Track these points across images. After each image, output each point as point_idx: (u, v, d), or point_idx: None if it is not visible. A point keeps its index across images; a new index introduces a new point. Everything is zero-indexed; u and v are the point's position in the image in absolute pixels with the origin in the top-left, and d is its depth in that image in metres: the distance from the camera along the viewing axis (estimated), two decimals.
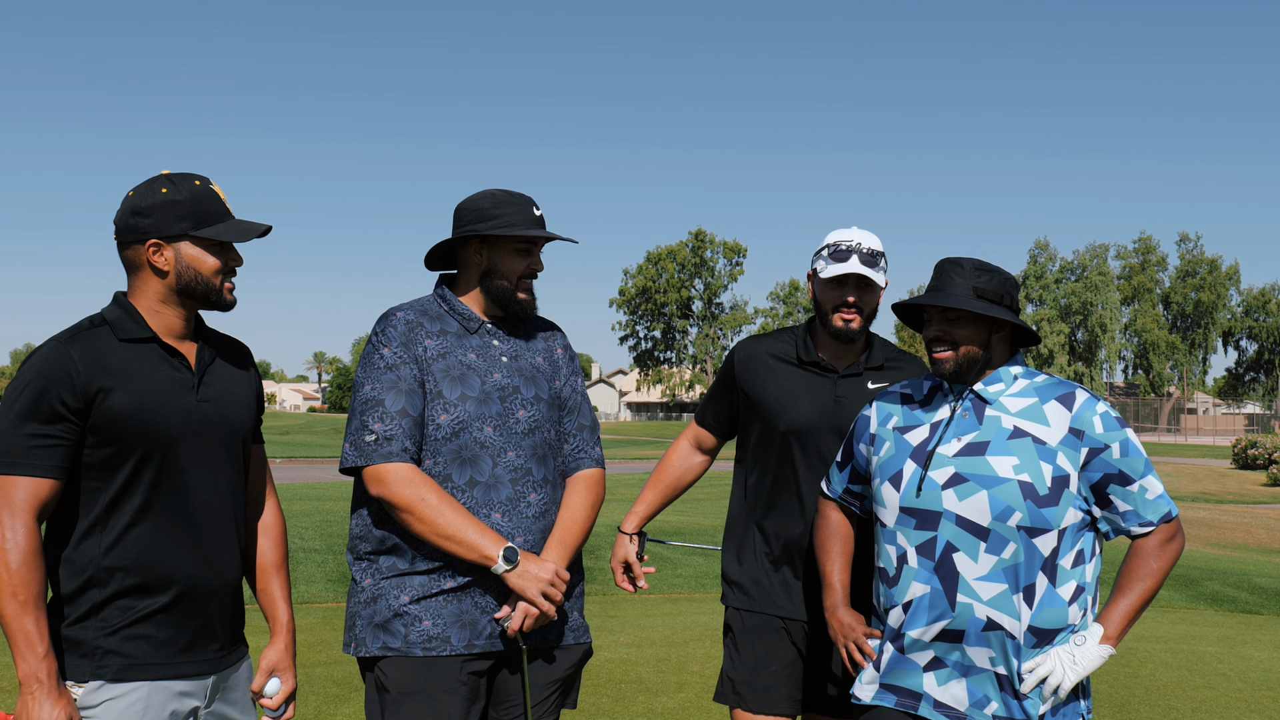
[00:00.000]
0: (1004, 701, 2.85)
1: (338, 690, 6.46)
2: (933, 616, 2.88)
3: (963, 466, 2.89)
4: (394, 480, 2.88)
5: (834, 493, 3.27)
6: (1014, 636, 2.83)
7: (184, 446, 2.59)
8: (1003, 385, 2.98)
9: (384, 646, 2.93)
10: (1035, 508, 2.82)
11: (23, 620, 2.37)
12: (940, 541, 2.88)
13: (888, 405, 3.15)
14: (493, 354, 3.07)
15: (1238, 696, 6.98)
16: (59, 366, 2.47)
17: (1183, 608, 10.82)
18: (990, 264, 3.01)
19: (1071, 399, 2.93)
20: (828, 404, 3.44)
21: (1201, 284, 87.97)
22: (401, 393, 2.94)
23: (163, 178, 2.64)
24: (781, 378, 3.49)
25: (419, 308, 3.10)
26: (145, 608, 2.53)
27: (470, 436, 2.95)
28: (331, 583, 10.34)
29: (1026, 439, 2.88)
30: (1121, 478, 2.86)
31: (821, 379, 3.47)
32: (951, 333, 2.94)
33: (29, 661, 2.37)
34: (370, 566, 2.99)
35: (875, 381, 3.48)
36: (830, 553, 3.24)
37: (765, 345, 3.57)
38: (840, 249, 3.39)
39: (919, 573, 2.91)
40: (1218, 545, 19.50)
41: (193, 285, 2.62)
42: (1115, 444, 2.87)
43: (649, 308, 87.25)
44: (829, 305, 3.42)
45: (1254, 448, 39.32)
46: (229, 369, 2.76)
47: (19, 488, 2.41)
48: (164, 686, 2.55)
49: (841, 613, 3.15)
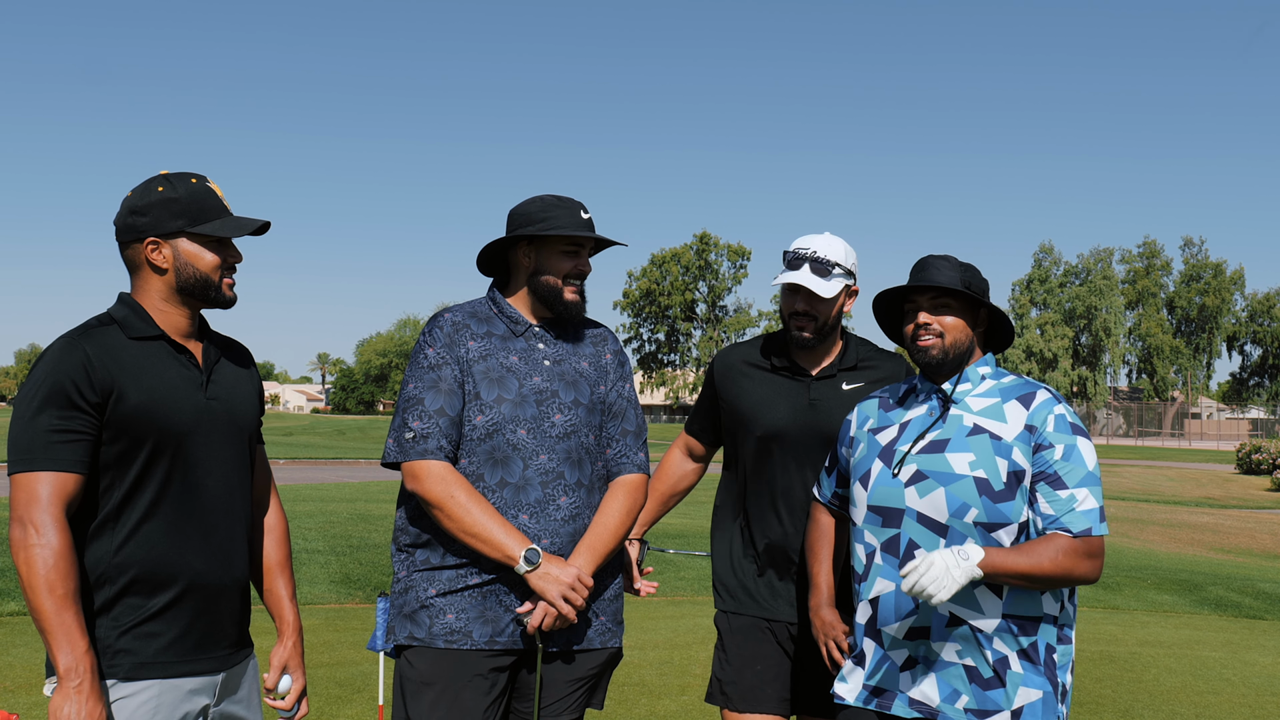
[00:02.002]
0: (975, 694, 2.86)
1: (340, 691, 6.47)
2: (900, 613, 2.91)
3: (923, 464, 2.93)
4: (426, 476, 2.97)
5: (824, 497, 3.30)
6: (980, 629, 2.84)
7: (195, 443, 2.61)
8: (970, 385, 3.01)
9: (410, 636, 3.03)
10: (991, 503, 2.83)
11: (63, 615, 2.36)
12: (904, 539, 2.91)
13: (866, 409, 3.19)
14: (535, 357, 3.13)
15: (1241, 702, 6.97)
16: (75, 362, 2.47)
17: (1187, 613, 10.81)
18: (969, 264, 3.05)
19: (1031, 398, 2.95)
20: (802, 407, 3.48)
21: (1206, 288, 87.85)
22: (441, 392, 3.02)
23: (160, 177, 2.67)
24: (757, 384, 3.54)
25: (469, 310, 3.18)
26: (156, 605, 2.54)
27: (503, 438, 3.02)
28: (334, 584, 10.34)
29: (984, 435, 2.91)
30: (1055, 480, 2.84)
31: (796, 383, 3.51)
32: (938, 320, 2.97)
33: (70, 656, 2.35)
34: (407, 559, 3.09)
35: (850, 382, 3.51)
36: (819, 555, 3.28)
37: (741, 353, 3.63)
38: (794, 256, 3.45)
39: (885, 569, 2.94)
40: (1222, 550, 19.48)
41: (191, 282, 2.64)
42: (1060, 446, 2.86)
43: (653, 310, 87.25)
44: (785, 313, 3.49)
45: (1258, 453, 39.31)
46: (233, 368, 2.78)
47: (45, 483, 2.41)
48: (175, 685, 2.56)
49: (824, 612, 3.21)
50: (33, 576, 2.36)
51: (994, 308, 3.02)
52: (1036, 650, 2.87)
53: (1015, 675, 2.85)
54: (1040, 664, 2.88)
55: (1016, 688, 2.85)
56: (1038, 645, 2.88)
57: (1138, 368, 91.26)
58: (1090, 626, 9.57)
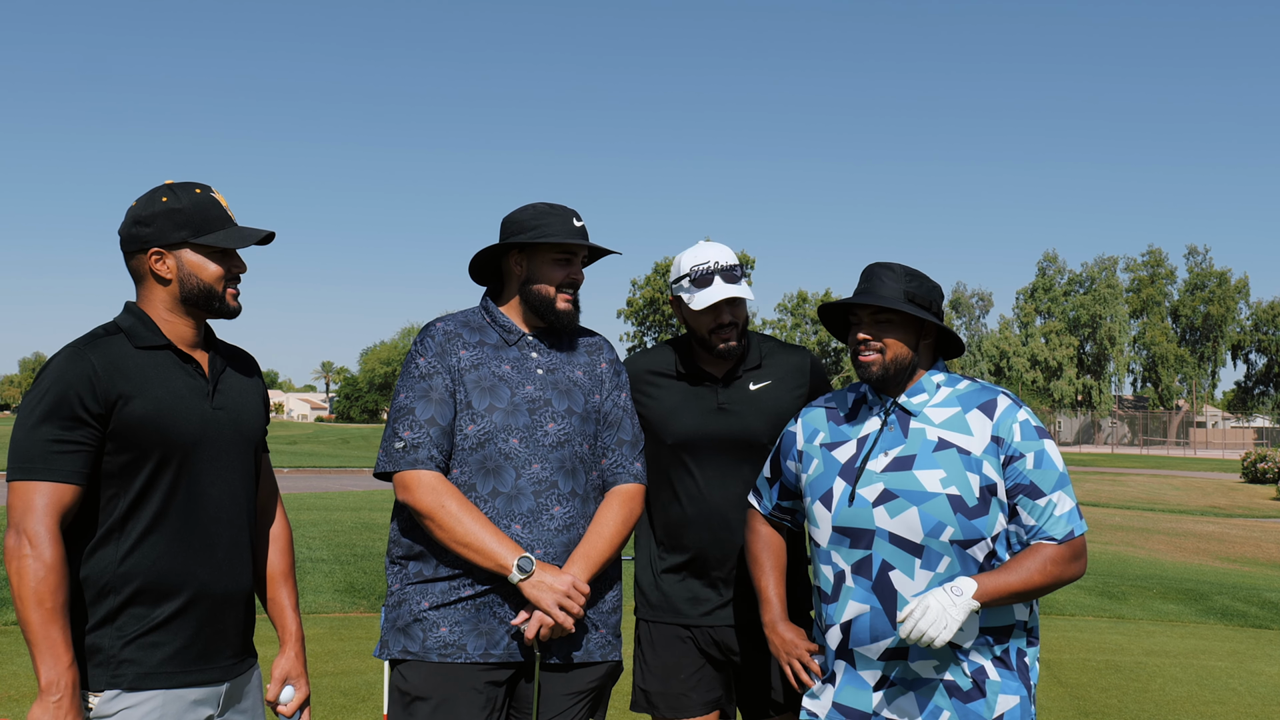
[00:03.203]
0: (956, 709, 2.83)
1: (345, 701, 6.46)
2: (875, 635, 2.85)
3: (891, 483, 2.87)
4: (417, 487, 2.94)
5: (764, 509, 3.24)
6: (959, 646, 2.82)
7: (200, 453, 2.60)
8: (926, 395, 2.97)
9: (403, 650, 2.99)
10: (966, 520, 2.81)
11: (50, 628, 2.35)
12: (876, 560, 2.86)
13: (813, 422, 3.12)
14: (528, 366, 3.10)
15: (1248, 712, 6.95)
16: (79, 373, 2.47)
17: (1192, 622, 10.77)
18: (919, 271, 2.99)
19: (993, 406, 2.92)
20: (710, 412, 3.45)
21: (1210, 297, 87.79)
22: (432, 402, 2.99)
23: (164, 187, 2.67)
24: (664, 392, 3.50)
25: (461, 319, 3.15)
26: (160, 615, 2.53)
27: (495, 448, 2.99)
28: (339, 593, 10.33)
29: (951, 450, 2.86)
30: (1032, 489, 2.83)
31: (703, 388, 3.48)
32: (880, 336, 2.92)
33: (53, 671, 2.35)
34: (400, 571, 3.05)
35: (756, 381, 3.49)
36: (764, 566, 3.20)
37: (645, 362, 3.57)
38: (699, 274, 3.41)
39: (856, 591, 2.88)
40: (1227, 559, 19.43)
41: (195, 292, 2.64)
42: (1030, 454, 2.85)
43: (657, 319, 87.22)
44: (704, 330, 3.44)
45: (1263, 461, 39.23)
46: (239, 378, 2.78)
47: (41, 494, 2.41)
48: (179, 695, 2.55)
49: (781, 628, 3.12)
50: (23, 588, 2.35)
51: (938, 324, 2.96)
52: (1009, 655, 2.88)
53: (994, 684, 2.84)
54: (1014, 668, 2.88)
55: (996, 696, 2.84)
56: (1010, 651, 2.88)
57: (1142, 376, 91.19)
58: (1095, 636, 9.55)
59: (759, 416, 3.43)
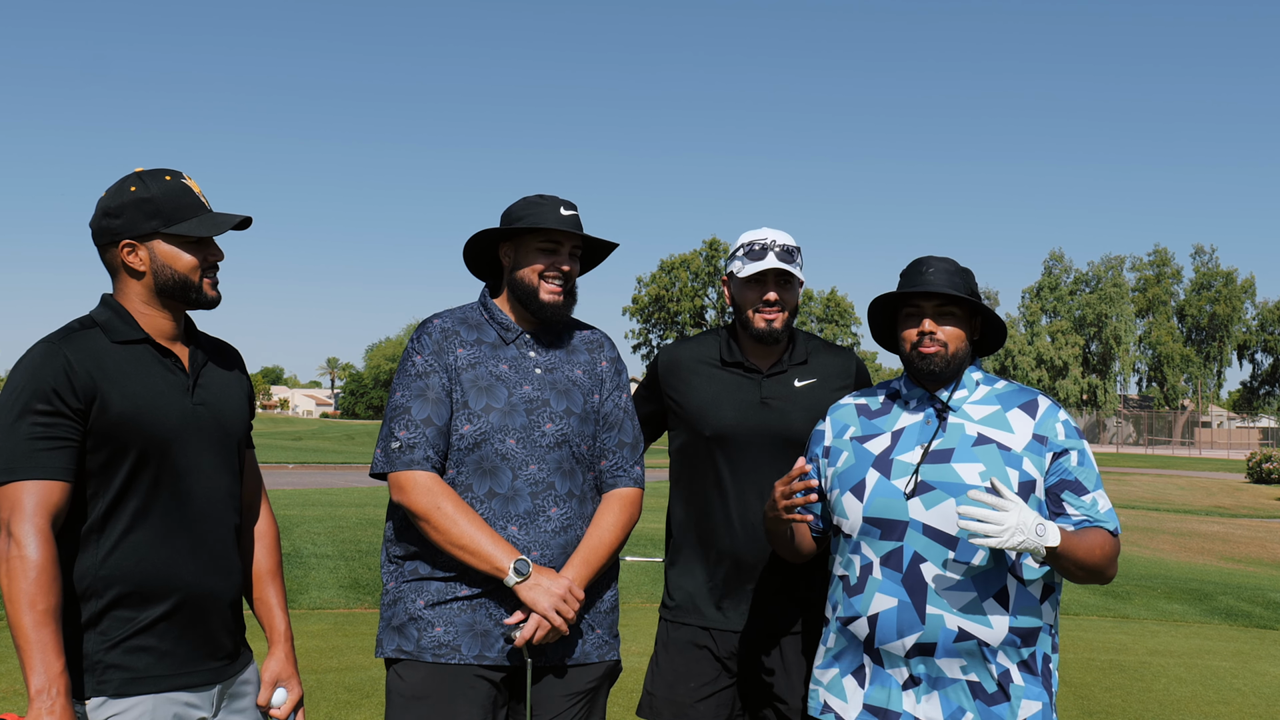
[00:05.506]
0: (980, 710, 2.81)
1: (349, 696, 6.46)
2: (902, 630, 2.82)
3: (928, 474, 2.84)
4: (412, 488, 2.89)
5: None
6: (987, 644, 2.79)
7: (181, 450, 2.52)
8: (965, 392, 2.95)
9: (398, 649, 2.96)
10: None
11: (41, 632, 2.25)
12: (907, 552, 2.82)
13: (842, 418, 3.08)
14: (526, 365, 3.05)
15: (1252, 712, 6.94)
16: (56, 367, 2.38)
17: (1197, 622, 10.76)
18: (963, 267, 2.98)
19: (1035, 406, 2.91)
20: (753, 405, 3.36)
21: (1216, 297, 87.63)
22: (428, 401, 2.95)
23: (133, 175, 2.57)
24: (705, 381, 3.42)
25: (459, 315, 3.10)
26: (146, 618, 2.46)
27: (491, 448, 2.95)
28: (343, 589, 10.34)
29: (991, 445, 2.85)
30: (1077, 485, 2.84)
31: (746, 380, 3.40)
32: (942, 329, 2.90)
33: (44, 676, 2.24)
34: (396, 570, 3.02)
35: (802, 379, 3.42)
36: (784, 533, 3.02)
37: (688, 349, 3.49)
38: (755, 247, 3.35)
39: (884, 584, 2.84)
40: (1232, 560, 19.41)
41: (170, 284, 2.55)
42: (1075, 452, 2.86)
43: (662, 316, 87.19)
44: (749, 306, 3.37)
45: (1268, 461, 39.16)
46: (221, 372, 2.70)
47: (30, 493, 2.31)
48: (169, 699, 2.48)
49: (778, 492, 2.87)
50: (13, 590, 2.26)
51: (994, 315, 2.95)
52: (1035, 660, 2.85)
53: (1018, 688, 2.82)
54: (1039, 674, 2.85)
55: (1019, 700, 2.81)
56: (1036, 655, 2.85)
57: (1148, 376, 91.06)
58: (1100, 635, 9.54)
59: (802, 414, 3.33)
